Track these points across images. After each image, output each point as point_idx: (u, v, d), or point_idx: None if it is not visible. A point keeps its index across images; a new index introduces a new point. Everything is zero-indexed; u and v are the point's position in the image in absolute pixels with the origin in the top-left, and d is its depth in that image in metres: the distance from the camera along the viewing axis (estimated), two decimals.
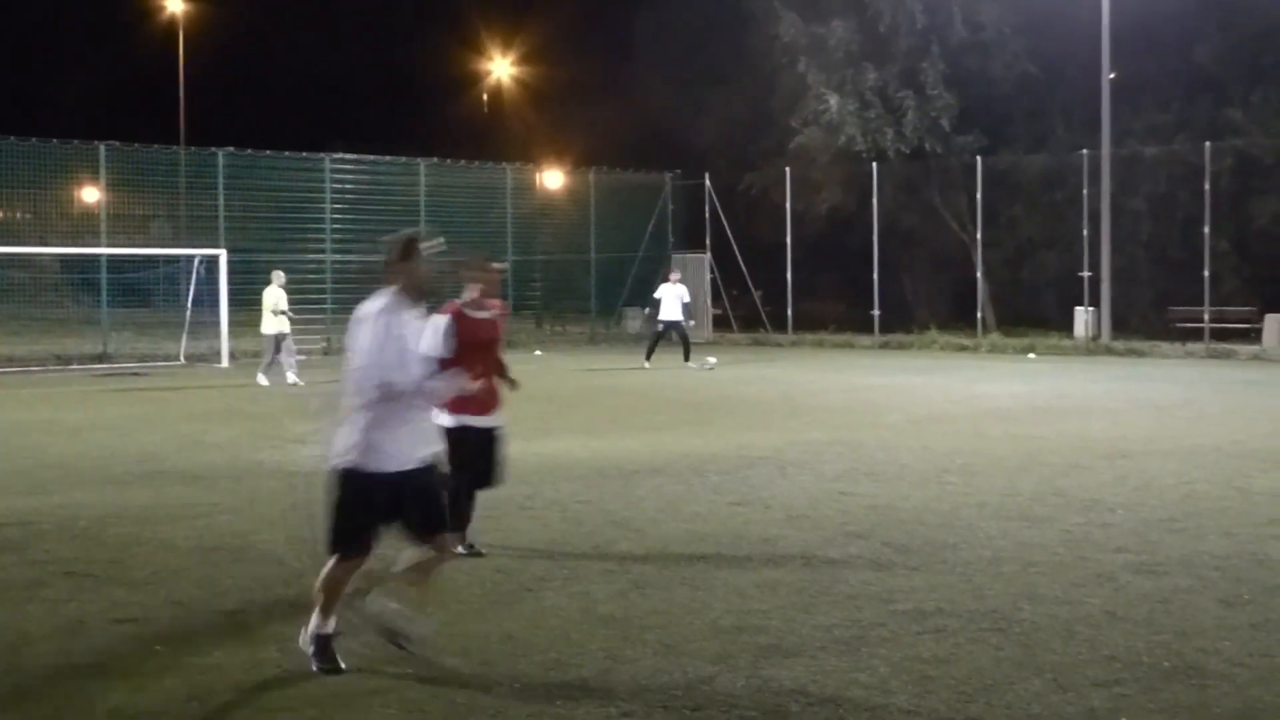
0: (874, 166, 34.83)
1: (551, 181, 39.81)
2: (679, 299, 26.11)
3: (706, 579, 7.81)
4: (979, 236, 33.64)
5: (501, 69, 61.93)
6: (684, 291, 26.45)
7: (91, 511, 10.06)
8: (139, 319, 30.80)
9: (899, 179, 36.35)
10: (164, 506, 10.29)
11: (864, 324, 34.55)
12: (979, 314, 33.70)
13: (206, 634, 6.68)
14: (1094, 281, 31.36)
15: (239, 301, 26.98)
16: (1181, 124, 33.97)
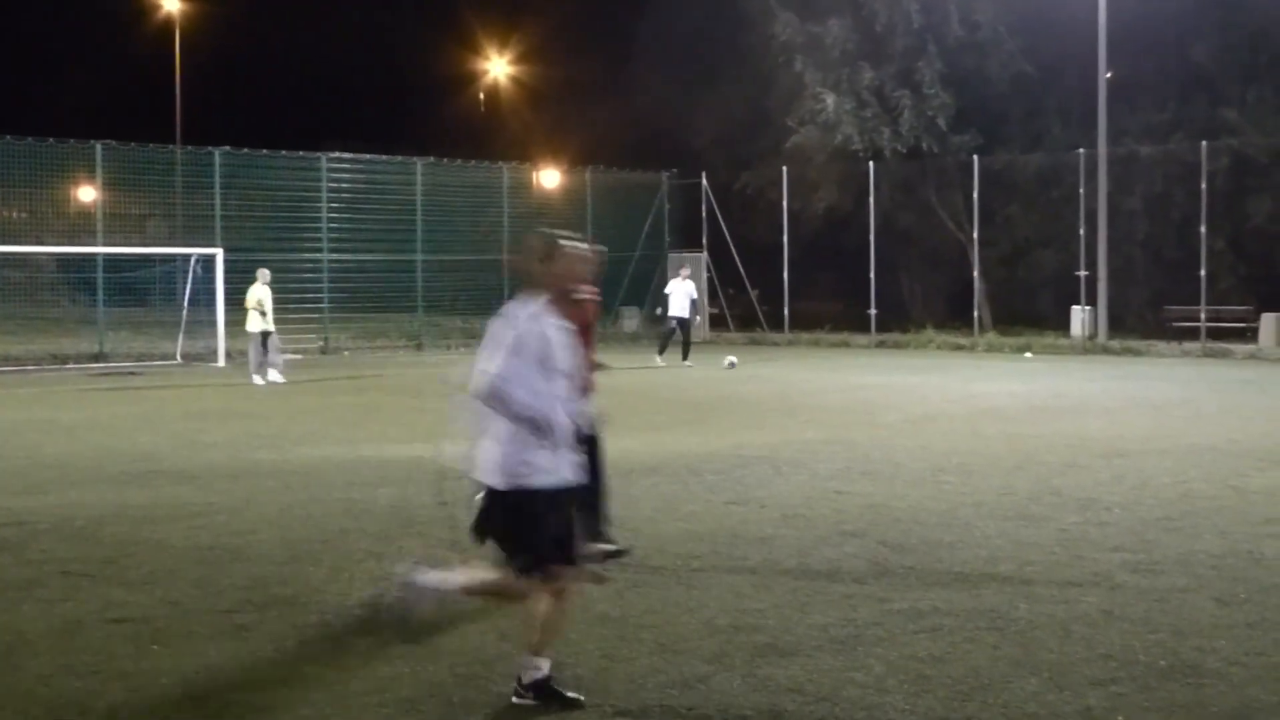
0: (870, 166, 34.84)
1: (548, 181, 39.83)
2: (688, 295, 26.08)
3: (702, 578, 7.81)
4: (975, 236, 33.64)
5: (498, 68, 62.03)
6: (693, 289, 26.45)
7: (88, 511, 10.05)
8: (135, 318, 30.79)
9: (895, 178, 36.35)
10: (160, 506, 10.28)
11: (860, 323, 34.56)
12: (975, 313, 33.72)
13: (203, 634, 6.68)
14: (1090, 281, 31.38)
15: (236, 301, 26.88)
16: (1178, 123, 34.01)
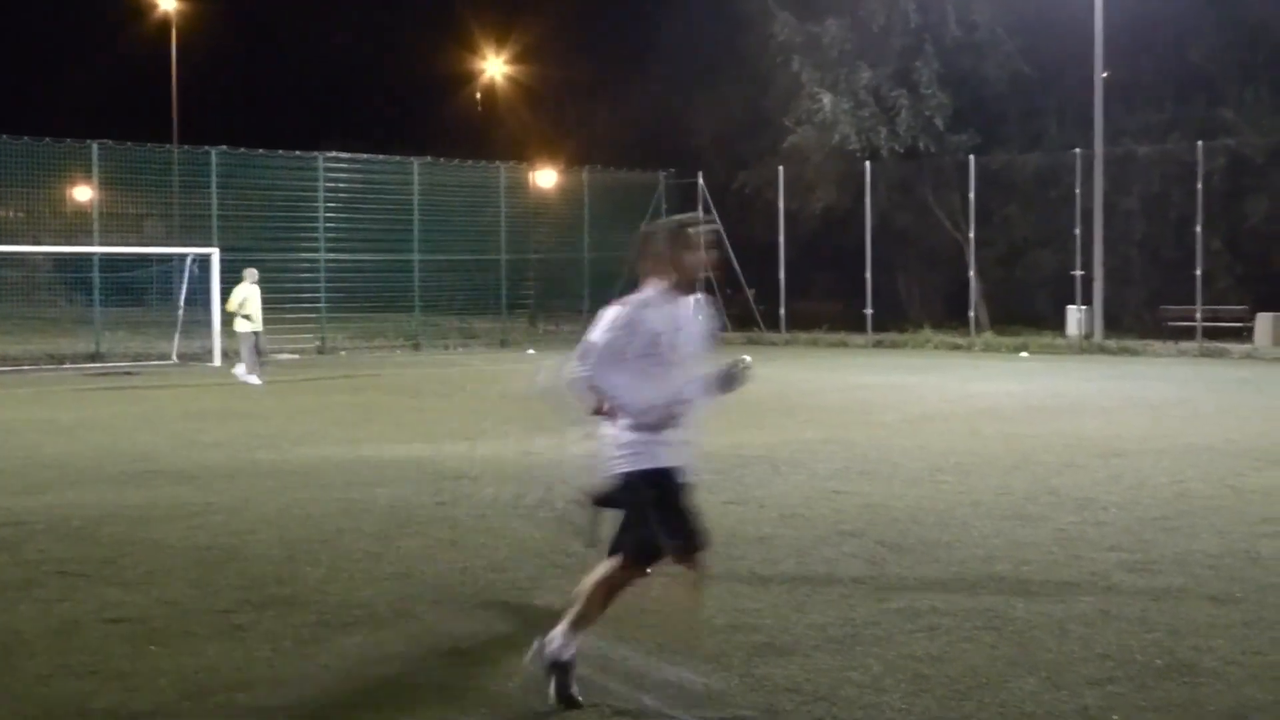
0: (867, 165, 34.85)
1: (545, 180, 39.81)
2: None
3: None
4: (972, 235, 33.66)
5: (495, 68, 62.01)
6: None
7: (85, 511, 10.04)
8: (132, 318, 30.80)
9: (893, 178, 36.37)
10: (158, 506, 10.27)
11: (858, 323, 34.58)
12: (972, 313, 33.75)
13: (201, 634, 6.67)
14: (1087, 280, 31.42)
15: None
16: (1174, 123, 34.04)
